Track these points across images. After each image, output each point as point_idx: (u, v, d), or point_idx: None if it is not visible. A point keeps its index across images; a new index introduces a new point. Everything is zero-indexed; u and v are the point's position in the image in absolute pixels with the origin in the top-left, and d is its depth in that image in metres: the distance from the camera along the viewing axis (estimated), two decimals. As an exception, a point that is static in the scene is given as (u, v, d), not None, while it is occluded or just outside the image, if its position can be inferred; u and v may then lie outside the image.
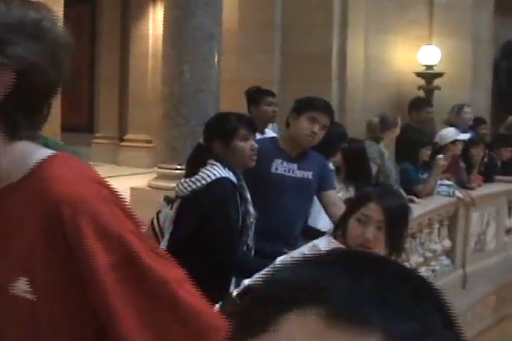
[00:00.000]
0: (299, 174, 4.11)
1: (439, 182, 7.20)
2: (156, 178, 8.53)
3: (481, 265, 8.12)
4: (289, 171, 4.07)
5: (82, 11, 15.36)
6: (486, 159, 8.35)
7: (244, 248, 3.53)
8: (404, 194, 6.49)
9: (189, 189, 3.39)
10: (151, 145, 13.36)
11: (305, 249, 2.92)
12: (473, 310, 7.80)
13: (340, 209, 3.50)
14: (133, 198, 8.61)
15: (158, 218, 3.63)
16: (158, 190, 8.27)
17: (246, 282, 2.91)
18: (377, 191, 3.01)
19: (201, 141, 3.67)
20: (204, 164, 3.46)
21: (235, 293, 2.90)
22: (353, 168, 4.92)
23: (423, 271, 6.91)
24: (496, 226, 8.46)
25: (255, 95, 5.84)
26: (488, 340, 8.03)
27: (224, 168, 3.44)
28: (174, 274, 1.46)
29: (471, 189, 7.82)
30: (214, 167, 3.41)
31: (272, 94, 5.97)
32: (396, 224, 2.87)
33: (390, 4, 10.48)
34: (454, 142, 7.47)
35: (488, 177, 8.43)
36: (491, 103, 11.77)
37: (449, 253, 7.62)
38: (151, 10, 13.86)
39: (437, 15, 10.86)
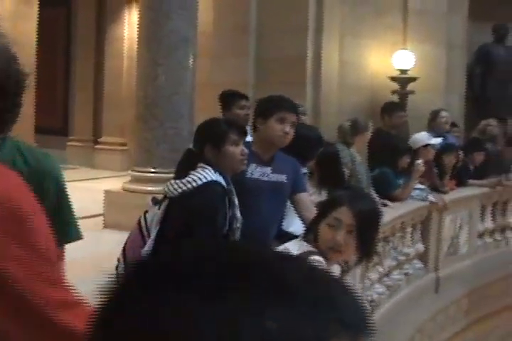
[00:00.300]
0: (274, 178, 4.11)
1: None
2: (130, 181, 8.50)
3: (453, 268, 8.16)
4: (263, 175, 4.07)
5: (57, 12, 15.28)
6: (459, 164, 8.40)
7: None
8: (376, 198, 6.53)
9: (179, 190, 3.41)
10: (125, 147, 13.32)
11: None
12: (446, 313, 7.85)
13: (312, 212, 3.50)
14: (107, 201, 8.58)
15: (145, 218, 3.63)
16: (132, 193, 8.25)
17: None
18: (348, 195, 3.01)
19: (191, 146, 3.69)
20: (194, 168, 3.48)
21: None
22: (326, 172, 4.92)
23: (396, 275, 6.94)
24: (469, 230, 8.50)
25: (228, 99, 5.80)
26: (461, 343, 8.10)
27: (215, 171, 3.44)
28: (59, 297, 1.48)
29: (444, 193, 7.87)
30: (205, 170, 3.43)
31: (245, 98, 5.92)
32: (367, 228, 2.87)
33: (365, 9, 10.52)
34: (426, 146, 7.52)
35: (460, 182, 8.48)
36: (465, 108, 11.84)
37: (422, 256, 7.64)
38: (126, 12, 13.83)
39: (412, 20, 10.92)
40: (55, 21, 15.21)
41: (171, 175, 6.31)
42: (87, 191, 10.35)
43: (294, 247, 2.89)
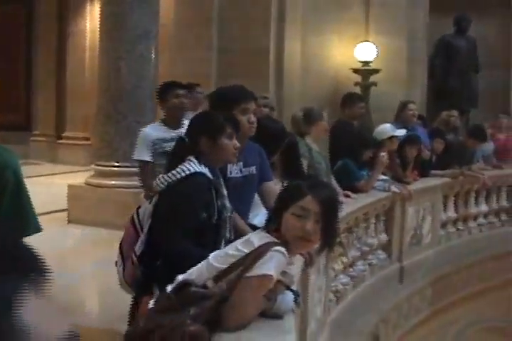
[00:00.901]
0: (246, 171, 4.10)
1: (376, 177, 7.31)
2: (93, 176, 8.46)
3: (417, 258, 8.21)
4: (239, 172, 4.06)
5: (17, 7, 15.12)
6: (422, 155, 8.47)
7: (223, 240, 3.55)
8: (338, 188, 6.56)
9: (166, 183, 3.43)
10: (88, 142, 13.24)
11: (238, 244, 2.92)
12: (410, 302, 7.91)
13: None
14: (70, 196, 8.53)
15: (138, 213, 3.64)
16: (95, 187, 8.21)
17: (180, 277, 2.90)
18: (309, 184, 3.01)
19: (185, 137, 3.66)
20: (182, 161, 3.48)
21: (169, 289, 2.89)
22: (288, 162, 4.93)
23: (360, 265, 6.98)
24: (432, 220, 8.57)
25: (163, 89, 5.68)
26: (425, 332, 8.16)
27: (200, 164, 3.45)
28: None
29: (407, 183, 7.93)
30: (190, 163, 3.44)
31: (181, 86, 5.75)
32: (330, 216, 2.89)
33: (327, 2, 10.56)
34: (391, 138, 7.57)
35: (423, 172, 8.54)
36: (427, 99, 11.95)
37: (386, 247, 7.68)
38: (88, 5, 13.72)
39: (373, 13, 10.99)
40: (16, 16, 15.06)
41: (134, 169, 6.30)
42: (50, 186, 10.30)
43: (255, 238, 2.89)
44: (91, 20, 13.51)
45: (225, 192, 3.58)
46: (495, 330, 9.77)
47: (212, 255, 2.94)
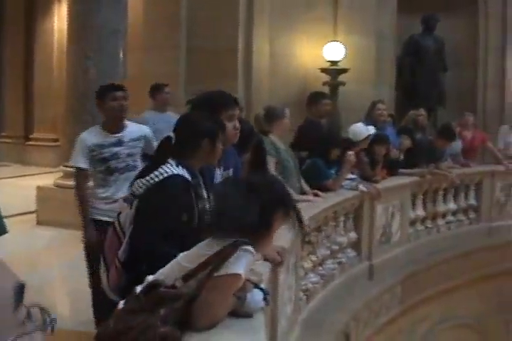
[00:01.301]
0: (225, 174, 4.11)
1: (344, 176, 7.35)
2: (62, 177, 8.41)
3: (386, 256, 8.26)
4: (221, 176, 4.07)
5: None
6: (391, 154, 8.52)
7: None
8: (307, 188, 6.58)
9: (144, 187, 3.40)
10: (57, 143, 13.15)
11: (206, 243, 2.93)
12: (380, 300, 7.94)
13: None
14: (39, 197, 8.48)
15: (119, 219, 3.58)
16: (64, 188, 8.16)
17: (150, 278, 2.90)
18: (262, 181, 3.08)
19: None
20: (165, 161, 3.47)
21: (138, 290, 2.88)
22: (256, 162, 4.95)
23: (330, 264, 7.01)
24: (401, 218, 8.62)
25: (100, 92, 5.46)
26: (396, 329, 8.22)
27: (178, 165, 3.43)
28: None
29: (376, 182, 7.97)
30: (167, 165, 3.42)
31: (120, 89, 5.47)
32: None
33: (295, 1, 10.59)
34: (367, 137, 7.66)
35: (392, 171, 8.60)
36: (395, 98, 12.02)
37: (355, 245, 7.72)
38: (55, 4, 13.63)
39: (342, 12, 11.04)
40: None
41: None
42: (19, 188, 10.24)
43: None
44: (59, 20, 13.42)
45: (205, 194, 3.57)
46: (466, 327, 9.88)
47: (181, 255, 2.94)
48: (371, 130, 7.77)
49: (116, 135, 5.27)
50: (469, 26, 12.96)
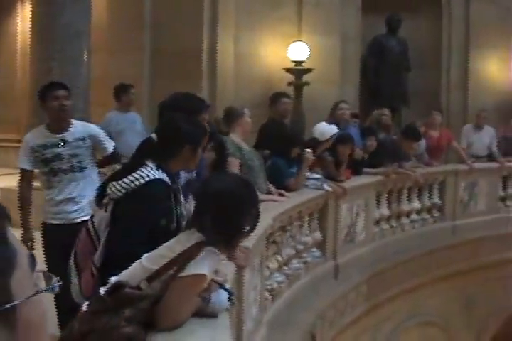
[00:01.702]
0: (189, 176, 4.11)
1: (308, 175, 7.38)
2: (25, 178, 8.35)
3: (352, 255, 8.32)
4: (185, 179, 4.06)
5: None
6: (355, 155, 8.60)
7: None
8: (272, 188, 6.62)
9: (123, 191, 3.32)
10: (21, 144, 13.03)
11: (170, 244, 2.94)
12: (346, 299, 7.99)
13: None
14: (2, 198, 8.41)
15: (92, 222, 3.50)
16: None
17: (113, 279, 2.91)
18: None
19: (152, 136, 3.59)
20: (142, 163, 3.40)
21: (103, 291, 2.89)
22: (218, 162, 5.00)
23: (295, 263, 7.04)
24: (365, 218, 8.69)
25: (41, 91, 5.31)
26: (362, 327, 8.28)
27: (158, 169, 3.39)
28: None
29: (340, 182, 8.03)
30: (147, 168, 3.37)
31: (61, 87, 5.23)
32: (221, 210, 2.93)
33: (260, 1, 10.61)
34: (332, 136, 7.72)
35: (356, 171, 8.66)
36: (359, 98, 12.08)
37: (321, 245, 7.77)
38: (19, 6, 13.52)
39: (306, 12, 11.07)
40: None
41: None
42: (-18, 190, 10.11)
43: (187, 239, 2.92)
44: (22, 21, 13.31)
45: (182, 198, 3.57)
46: (431, 325, 9.98)
47: (145, 256, 2.95)
48: (334, 129, 7.84)
49: (59, 135, 5.11)
50: (433, 27, 13.03)
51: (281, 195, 6.62)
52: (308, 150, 7.05)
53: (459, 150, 11.03)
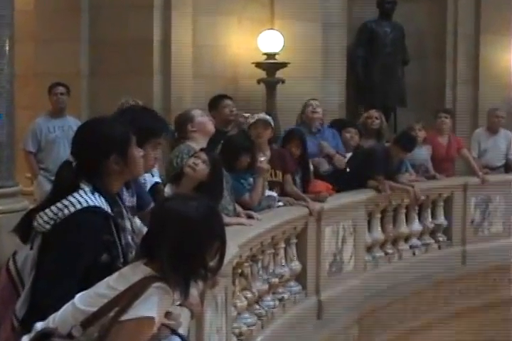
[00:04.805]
0: (131, 202, 4.09)
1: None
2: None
3: (338, 290, 8.32)
4: (127, 201, 4.02)
5: None
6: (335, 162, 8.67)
7: None
8: (239, 208, 6.62)
9: (51, 222, 3.22)
10: None
11: (110, 280, 2.92)
12: (332, 344, 8.00)
13: None
14: None
15: (15, 261, 3.38)
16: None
17: (39, 326, 2.88)
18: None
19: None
20: (71, 190, 3.31)
21: (27, 340, 2.87)
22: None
23: (269, 301, 7.01)
24: (354, 243, 8.70)
25: None
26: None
27: (93, 192, 3.30)
28: None
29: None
30: (80, 192, 3.26)
31: None
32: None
33: (222, -18, 10.61)
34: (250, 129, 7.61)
35: (337, 184, 8.53)
36: (346, 96, 12.09)
37: (300, 277, 7.77)
38: None
39: (280, -7, 11.09)
40: None
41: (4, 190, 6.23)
42: None
43: (130, 273, 2.90)
44: None
45: (128, 225, 3.53)
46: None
47: (78, 296, 2.90)
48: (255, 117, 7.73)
49: None
50: (435, 9, 13.07)
51: (250, 216, 6.62)
52: (262, 158, 7.05)
53: (470, 160, 11.05)
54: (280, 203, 7.59)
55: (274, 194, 7.58)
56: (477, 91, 12.95)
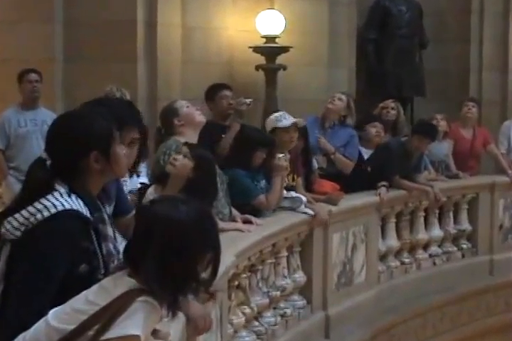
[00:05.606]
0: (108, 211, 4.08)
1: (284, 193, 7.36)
2: None
3: (348, 304, 8.34)
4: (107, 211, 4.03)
5: None
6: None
7: None
8: (236, 212, 6.62)
9: (22, 229, 3.19)
10: None
11: (89, 294, 2.92)
12: (342, 366, 8.01)
13: None
14: None
15: None
16: None
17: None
18: None
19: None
20: (45, 192, 3.28)
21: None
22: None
23: (269, 317, 7.00)
24: (366, 251, 8.72)
25: None
26: None
27: (69, 195, 3.27)
28: None
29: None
30: (55, 194, 3.23)
31: None
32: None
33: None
34: (275, 130, 7.56)
35: (349, 186, 8.57)
36: (357, 85, 12.09)
37: (304, 290, 7.77)
38: None
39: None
40: None
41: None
42: None
43: (112, 285, 2.91)
44: None
45: (109, 231, 3.52)
46: None
47: (52, 312, 2.89)
48: (286, 122, 7.68)
49: None
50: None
51: (249, 221, 6.61)
52: (281, 155, 7.03)
53: (498, 156, 11.06)
54: (308, 210, 7.61)
55: (303, 197, 7.61)
56: (506, 79, 12.96)
